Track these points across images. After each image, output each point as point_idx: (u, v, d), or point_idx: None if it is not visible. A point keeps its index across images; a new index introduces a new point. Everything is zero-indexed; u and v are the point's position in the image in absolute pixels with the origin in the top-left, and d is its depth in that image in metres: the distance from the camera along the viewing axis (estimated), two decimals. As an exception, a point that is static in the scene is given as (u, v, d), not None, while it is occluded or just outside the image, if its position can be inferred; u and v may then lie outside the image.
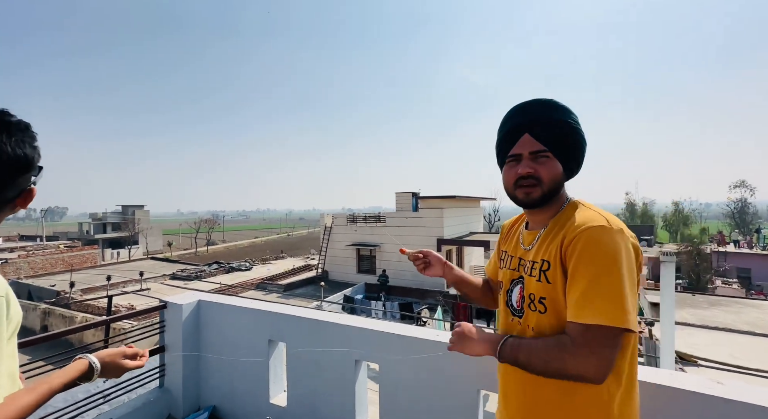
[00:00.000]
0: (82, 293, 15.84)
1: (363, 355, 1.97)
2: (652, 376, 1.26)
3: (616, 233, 0.79)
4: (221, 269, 22.94)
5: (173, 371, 2.56)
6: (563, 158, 0.91)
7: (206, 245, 52.99)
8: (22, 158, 0.70)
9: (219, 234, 68.65)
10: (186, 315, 2.52)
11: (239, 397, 2.44)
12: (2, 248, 28.06)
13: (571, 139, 0.91)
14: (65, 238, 41.70)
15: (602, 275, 0.75)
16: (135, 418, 2.37)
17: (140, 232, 44.76)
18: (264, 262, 27.74)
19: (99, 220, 44.90)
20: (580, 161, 0.94)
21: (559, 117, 0.90)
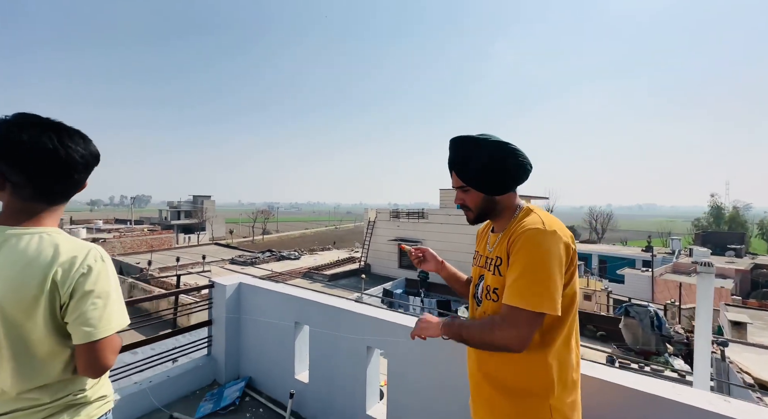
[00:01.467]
0: (159, 271, 18.31)
1: (374, 342, 2.12)
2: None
3: (548, 234, 0.95)
4: (273, 256, 24.72)
5: (218, 342, 2.96)
6: (481, 188, 1.09)
7: (262, 234, 57.36)
8: (73, 160, 0.92)
9: (273, 224, 73.64)
10: (229, 294, 2.90)
11: (270, 370, 2.75)
12: (102, 229, 33.27)
13: (483, 174, 1.07)
14: (148, 223, 48.01)
15: (530, 268, 0.93)
16: (187, 378, 2.80)
17: (207, 220, 49.87)
18: (311, 252, 29.29)
19: (174, 208, 50.88)
20: (501, 184, 1.08)
21: (470, 155, 1.07)
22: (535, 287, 0.91)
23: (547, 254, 0.92)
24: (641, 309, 9.96)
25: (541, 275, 0.91)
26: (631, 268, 23.99)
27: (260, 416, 2.51)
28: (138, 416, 2.45)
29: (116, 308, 0.94)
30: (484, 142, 1.06)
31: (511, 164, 1.05)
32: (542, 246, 0.93)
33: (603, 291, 17.20)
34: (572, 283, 1.01)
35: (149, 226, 40.26)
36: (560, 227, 0.98)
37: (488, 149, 1.05)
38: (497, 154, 1.05)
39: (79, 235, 27.07)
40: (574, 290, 1.02)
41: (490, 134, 1.09)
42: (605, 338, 12.19)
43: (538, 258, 0.93)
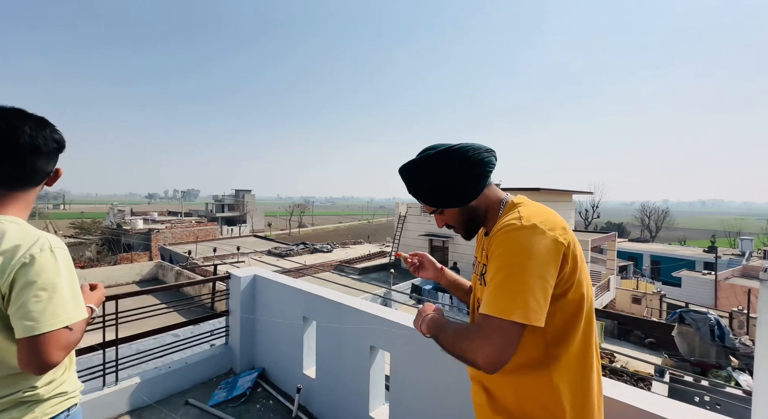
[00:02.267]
0: (203, 260, 19.67)
1: (377, 342, 2.01)
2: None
3: (525, 229, 0.80)
4: (306, 249, 25.53)
5: (234, 332, 3.02)
6: (450, 203, 0.97)
7: (298, 227, 59.56)
8: (21, 143, 0.91)
9: (309, 218, 76.14)
10: (244, 286, 2.94)
11: (280, 363, 2.76)
12: (156, 220, 36.43)
13: (442, 190, 0.95)
14: (196, 215, 51.77)
15: (503, 271, 0.79)
16: (206, 365, 2.89)
17: (248, 213, 52.71)
18: (343, 246, 29.86)
19: (219, 201, 54.36)
20: (466, 190, 0.95)
21: (420, 179, 0.96)
22: (506, 292, 0.76)
23: (523, 252, 0.78)
24: (699, 316, 8.92)
25: (515, 278, 0.76)
26: (690, 270, 21.69)
27: (270, 408, 2.53)
28: (157, 399, 2.57)
29: (65, 302, 0.89)
30: (425, 160, 0.95)
31: (463, 167, 0.92)
32: (516, 244, 0.79)
33: (655, 295, 15.74)
34: (575, 283, 0.83)
35: (197, 218, 43.35)
36: (545, 219, 0.83)
37: (432, 164, 0.94)
38: (444, 165, 0.93)
39: (137, 226, 29.83)
40: (581, 292, 0.84)
41: (435, 145, 0.98)
42: (654, 346, 11.15)
43: (511, 259, 0.78)
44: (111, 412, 2.36)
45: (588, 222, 36.37)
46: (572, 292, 0.83)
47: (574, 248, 0.84)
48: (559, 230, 0.82)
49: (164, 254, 23.64)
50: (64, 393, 0.97)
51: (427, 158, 0.95)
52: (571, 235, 0.84)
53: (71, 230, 33.19)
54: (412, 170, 0.97)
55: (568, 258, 0.81)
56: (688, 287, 19.35)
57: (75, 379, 1.05)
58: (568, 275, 0.82)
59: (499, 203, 0.97)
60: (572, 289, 0.83)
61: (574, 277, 0.83)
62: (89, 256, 23.94)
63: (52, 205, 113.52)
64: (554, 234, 0.80)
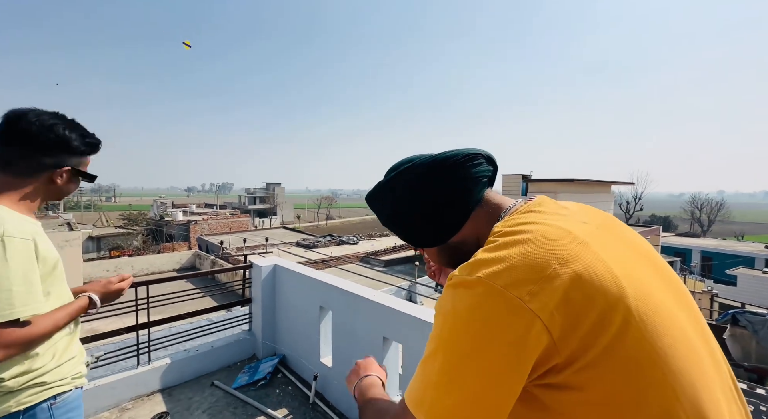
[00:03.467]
0: (236, 250, 20.68)
1: (390, 334, 1.98)
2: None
3: (462, 287, 0.49)
4: (333, 241, 26.05)
5: (257, 319, 3.11)
6: (421, 243, 0.70)
7: (326, 219, 60.84)
8: (30, 133, 0.95)
9: (336, 210, 77.55)
10: (264, 275, 3.01)
11: (299, 350, 2.81)
12: (195, 212, 38.70)
13: (404, 229, 0.69)
14: (230, 207, 54.35)
15: (430, 351, 0.51)
16: (230, 350, 3.01)
17: (278, 205, 54.56)
18: (369, 238, 30.13)
19: (251, 194, 56.69)
20: (436, 229, 0.66)
21: (385, 210, 0.70)
22: (429, 387, 0.48)
23: (449, 326, 0.48)
24: (757, 318, 8.08)
25: (435, 363, 0.49)
26: (748, 268, 19.71)
27: (289, 393, 2.59)
28: (186, 380, 2.71)
29: (10, 296, 0.84)
30: (382, 183, 0.70)
31: (424, 190, 0.64)
32: (443, 310, 0.50)
33: (705, 294, 14.49)
34: (577, 386, 0.44)
35: (231, 210, 45.52)
36: (502, 267, 0.46)
37: (390, 186, 0.69)
38: (401, 189, 0.67)
39: (177, 217, 31.82)
40: (605, 394, 0.44)
41: (405, 159, 0.70)
42: (703, 348, 10.27)
43: (441, 339, 0.49)
44: (144, 390, 2.52)
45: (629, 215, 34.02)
46: (572, 401, 0.45)
47: (588, 313, 0.43)
48: (534, 284, 0.44)
49: (201, 244, 25.10)
50: (42, 384, 0.96)
51: (385, 181, 0.70)
52: (577, 283, 0.44)
53: (121, 221, 36.14)
54: (375, 200, 0.73)
55: (555, 336, 0.43)
56: (745, 286, 17.61)
57: (66, 368, 1.04)
58: (561, 365, 0.44)
59: (480, 231, 0.64)
60: (570, 394, 0.45)
61: (579, 376, 0.43)
62: (136, 245, 25.95)
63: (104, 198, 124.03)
64: (515, 295, 0.44)
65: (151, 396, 2.52)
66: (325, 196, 69.10)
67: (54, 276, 1.01)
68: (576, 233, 0.50)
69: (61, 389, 1.01)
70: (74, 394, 1.06)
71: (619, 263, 0.48)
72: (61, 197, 1.08)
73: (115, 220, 38.85)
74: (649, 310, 0.45)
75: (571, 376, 0.44)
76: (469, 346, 0.45)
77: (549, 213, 0.57)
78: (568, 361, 0.44)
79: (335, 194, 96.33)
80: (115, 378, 2.40)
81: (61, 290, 1.04)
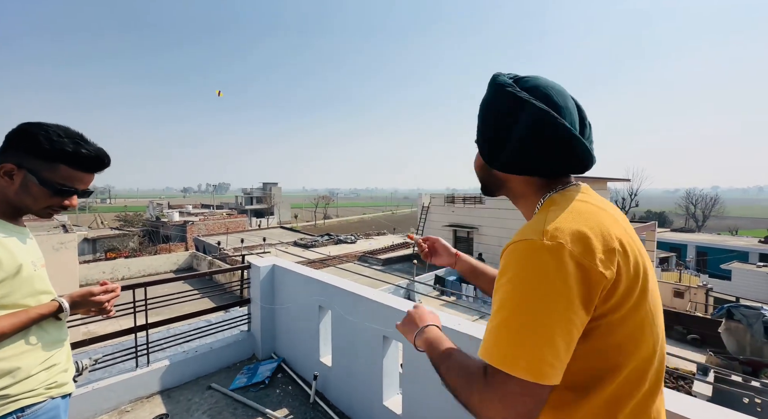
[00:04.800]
0: (233, 250, 20.59)
1: (390, 332, 1.98)
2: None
3: (542, 251, 0.57)
4: (331, 240, 26.00)
5: (256, 320, 3.11)
6: (479, 148, 0.77)
7: (323, 219, 60.78)
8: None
9: (333, 209, 77.39)
10: (263, 275, 3.00)
11: (299, 350, 2.81)
12: (191, 213, 38.48)
13: (481, 128, 0.74)
14: (227, 208, 54.08)
15: (507, 305, 0.58)
16: (229, 351, 3.00)
17: (275, 205, 54.36)
18: (367, 237, 30.11)
19: (248, 194, 56.41)
20: (498, 154, 0.71)
21: (486, 99, 0.74)
22: (510, 338, 0.56)
23: (536, 286, 0.56)
24: (751, 312, 8.19)
25: (521, 320, 0.56)
26: (742, 262, 19.92)
27: (289, 393, 2.58)
28: (185, 381, 2.70)
29: None
30: (504, 83, 0.70)
31: (527, 130, 0.66)
32: (528, 272, 0.57)
33: (700, 288, 14.63)
34: (610, 326, 0.59)
35: (227, 210, 45.31)
36: (579, 237, 0.58)
37: (502, 95, 0.70)
38: (508, 107, 0.68)
39: (174, 218, 31.63)
40: (617, 340, 0.60)
41: (537, 79, 0.71)
42: (698, 342, 10.42)
43: (519, 291, 0.57)
44: (143, 392, 2.51)
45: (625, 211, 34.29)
46: (600, 337, 0.59)
47: (627, 278, 0.59)
48: (603, 254, 0.57)
49: (198, 244, 24.97)
50: (6, 396, 0.94)
51: (521, 95, 0.68)
52: (626, 257, 0.60)
53: (117, 222, 35.86)
54: (492, 87, 0.74)
55: (609, 295, 0.58)
56: (739, 281, 17.80)
57: (40, 378, 1.01)
58: (602, 313, 0.58)
59: (535, 199, 0.72)
60: (600, 333, 0.59)
61: (613, 319, 0.59)
62: (132, 247, 25.77)
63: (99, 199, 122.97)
64: (585, 261, 0.56)
65: (150, 398, 2.51)
66: (322, 195, 68.92)
67: (16, 282, 0.97)
68: (617, 219, 0.66)
69: (31, 401, 0.97)
70: (49, 405, 1.02)
71: (637, 243, 0.66)
72: (12, 203, 1.01)
73: (111, 221, 38.54)
74: (651, 279, 0.65)
75: (598, 323, 0.59)
76: (542, 296, 0.55)
77: (594, 198, 0.69)
78: (609, 310, 0.59)
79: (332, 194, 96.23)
80: (113, 381, 2.38)
81: (23, 296, 1.00)
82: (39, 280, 1.05)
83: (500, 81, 0.71)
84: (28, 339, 1.00)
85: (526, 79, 0.71)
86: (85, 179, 1.07)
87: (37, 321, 1.00)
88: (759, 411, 4.89)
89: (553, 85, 0.71)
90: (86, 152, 1.03)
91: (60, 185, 1.02)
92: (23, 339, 0.99)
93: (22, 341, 0.98)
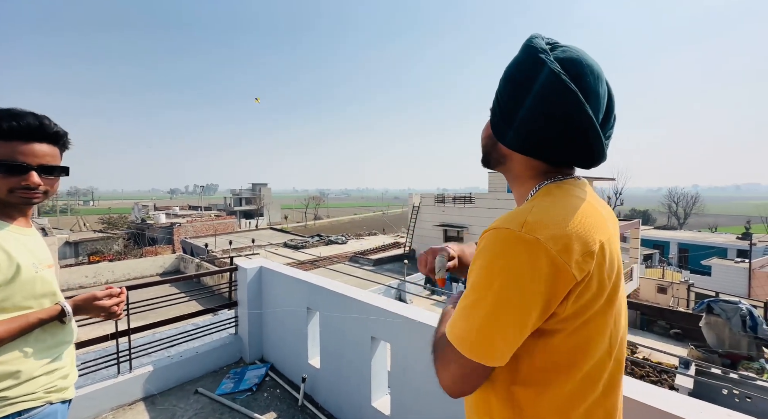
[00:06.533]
0: (222, 252, 20.27)
1: (377, 333, 1.98)
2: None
3: (520, 244, 0.56)
4: (322, 241, 25.83)
5: (243, 322, 3.06)
6: (492, 116, 0.70)
7: (314, 219, 60.38)
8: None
9: (324, 210, 76.97)
10: (250, 277, 2.96)
11: (286, 353, 2.78)
12: (178, 215, 37.72)
13: (499, 94, 0.68)
14: (215, 209, 53.21)
15: (474, 288, 0.60)
16: (216, 355, 2.95)
17: (264, 206, 53.74)
18: (358, 237, 30.04)
19: (236, 195, 55.59)
20: (507, 128, 0.66)
21: (512, 63, 0.66)
22: (469, 320, 0.59)
23: (504, 276, 0.56)
24: (729, 306, 8.47)
25: (483, 306, 0.57)
26: (722, 258, 20.61)
27: (276, 396, 2.55)
28: (170, 387, 2.64)
29: None
30: (538, 47, 0.62)
31: (544, 108, 0.61)
32: (499, 261, 0.57)
33: (682, 284, 15.09)
34: (576, 329, 0.60)
35: (216, 212, 44.56)
36: (559, 234, 0.56)
37: (530, 61, 0.63)
38: (532, 76, 0.61)
39: (160, 220, 30.95)
40: (581, 345, 0.61)
41: (577, 51, 0.63)
42: (680, 337, 10.73)
43: (487, 279, 0.58)
44: (125, 399, 2.44)
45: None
46: (563, 337, 0.60)
47: (598, 286, 0.59)
48: (580, 255, 0.56)
49: (185, 247, 24.48)
50: (4, 398, 0.93)
51: (541, 53, 0.62)
52: (602, 262, 0.59)
53: (100, 225, 34.91)
54: (526, 49, 0.66)
55: (575, 295, 0.57)
56: (719, 276, 18.42)
57: (40, 381, 1.00)
58: (568, 315, 0.58)
59: (531, 184, 0.70)
60: (564, 334, 0.60)
61: (577, 321, 0.59)
62: (117, 250, 25.11)
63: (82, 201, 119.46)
64: (564, 261, 0.55)
65: (133, 404, 2.45)
66: (312, 196, 68.48)
67: (15, 285, 0.95)
68: (607, 220, 0.65)
69: (29, 404, 0.96)
70: (47, 410, 1.01)
71: (615, 244, 0.66)
72: None
73: (94, 224, 37.49)
74: (621, 284, 0.66)
75: (555, 325, 0.59)
76: (507, 288, 0.56)
77: (591, 195, 0.67)
78: (558, 314, 0.58)
79: (323, 194, 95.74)
80: (94, 388, 2.31)
81: (23, 298, 0.98)
82: (41, 282, 1.02)
83: (534, 44, 0.63)
84: (30, 342, 0.99)
85: (564, 48, 0.63)
86: (31, 151, 0.97)
87: (37, 325, 0.99)
88: (737, 401, 5.07)
89: (592, 63, 0.62)
90: (8, 120, 0.94)
91: (2, 162, 0.94)
92: (25, 342, 0.98)
93: (23, 344, 0.97)
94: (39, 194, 1.01)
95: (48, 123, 1.01)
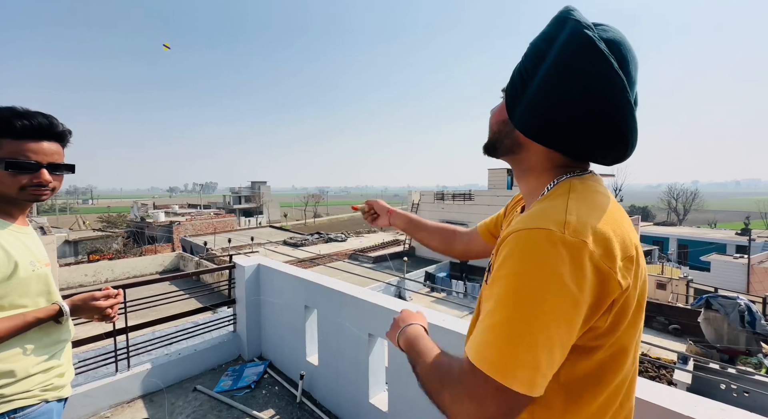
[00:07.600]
0: (221, 251, 20.28)
1: (375, 330, 1.97)
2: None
3: (560, 248, 0.48)
4: (321, 239, 25.85)
5: (241, 320, 3.06)
6: (508, 98, 0.62)
7: (313, 217, 60.40)
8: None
9: (324, 208, 77.01)
10: (248, 275, 2.95)
11: (285, 350, 2.78)
12: (177, 213, 37.69)
13: (518, 75, 0.59)
14: (215, 207, 53.18)
15: (507, 305, 0.49)
16: (215, 352, 2.95)
17: (264, 204, 53.72)
18: (358, 235, 30.05)
19: (236, 193, 55.56)
20: (531, 115, 0.57)
21: (539, 39, 0.58)
22: (508, 342, 0.48)
23: (546, 287, 0.47)
24: (728, 301, 8.50)
25: (523, 324, 0.47)
26: (721, 254, 20.66)
27: (275, 393, 2.55)
28: (168, 385, 2.64)
29: None
30: (581, 22, 0.53)
31: (586, 95, 0.53)
32: (539, 268, 0.48)
33: (681, 280, 15.12)
34: (611, 344, 0.55)
35: (215, 210, 44.55)
36: (608, 235, 0.50)
37: (572, 37, 0.53)
38: (573, 56, 0.53)
39: (159, 218, 30.94)
40: (620, 345, 0.56)
41: (617, 32, 0.55)
42: (679, 332, 10.79)
43: (526, 290, 0.48)
44: (124, 397, 2.44)
45: (610, 206, 35.08)
46: (599, 354, 0.54)
47: (635, 293, 0.53)
48: (622, 261, 0.51)
49: (185, 245, 24.49)
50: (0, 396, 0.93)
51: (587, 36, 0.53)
52: (637, 269, 0.54)
53: (99, 223, 34.87)
54: (556, 24, 0.57)
55: (617, 306, 0.51)
56: (718, 272, 18.48)
57: (37, 379, 1.00)
58: (606, 329, 0.53)
59: (549, 177, 0.62)
60: (601, 350, 0.54)
61: (614, 335, 0.54)
62: (116, 248, 25.11)
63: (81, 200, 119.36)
64: (610, 267, 0.49)
65: (132, 402, 2.45)
66: (312, 194, 68.52)
67: (12, 283, 0.95)
68: (629, 220, 0.60)
69: (25, 402, 0.96)
70: (42, 408, 1.00)
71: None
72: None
73: (93, 223, 37.45)
74: (645, 291, 0.59)
75: (592, 342, 0.54)
76: (551, 300, 0.47)
77: (612, 196, 0.61)
78: (597, 329, 0.53)
79: (322, 192, 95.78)
80: (92, 386, 2.31)
81: (20, 297, 0.98)
82: (38, 280, 1.03)
83: (576, 16, 0.54)
84: (26, 340, 0.99)
85: (604, 27, 0.55)
86: (41, 149, 1.00)
87: (34, 325, 0.99)
88: (735, 396, 5.09)
89: (631, 47, 0.55)
90: (19, 119, 0.96)
91: (12, 160, 0.95)
92: (21, 341, 0.98)
93: (20, 342, 0.98)
94: (48, 190, 1.04)
95: (56, 122, 1.05)
